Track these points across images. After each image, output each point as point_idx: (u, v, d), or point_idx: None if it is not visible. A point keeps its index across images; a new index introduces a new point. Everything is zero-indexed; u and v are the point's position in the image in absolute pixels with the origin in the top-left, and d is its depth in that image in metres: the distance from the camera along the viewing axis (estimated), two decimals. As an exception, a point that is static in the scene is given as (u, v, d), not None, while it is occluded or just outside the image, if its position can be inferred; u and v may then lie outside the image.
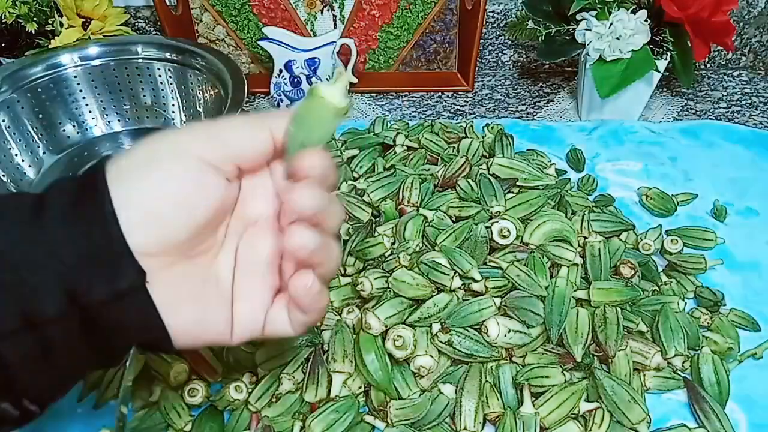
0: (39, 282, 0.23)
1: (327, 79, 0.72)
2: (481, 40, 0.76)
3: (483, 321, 0.43)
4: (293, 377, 0.42)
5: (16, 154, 0.64)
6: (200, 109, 0.70)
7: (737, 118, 0.73)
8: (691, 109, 0.76)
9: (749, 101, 0.76)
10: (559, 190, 0.55)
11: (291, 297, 0.29)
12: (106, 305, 0.24)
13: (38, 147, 0.66)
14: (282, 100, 0.74)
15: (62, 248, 0.23)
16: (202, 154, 0.25)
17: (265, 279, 0.29)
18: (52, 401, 0.27)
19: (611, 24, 0.62)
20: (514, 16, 0.79)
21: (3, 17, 0.67)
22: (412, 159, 0.61)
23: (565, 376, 0.42)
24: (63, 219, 0.24)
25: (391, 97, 0.79)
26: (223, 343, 0.29)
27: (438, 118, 0.73)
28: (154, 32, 0.83)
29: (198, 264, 0.27)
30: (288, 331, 0.30)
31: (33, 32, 0.70)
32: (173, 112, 0.72)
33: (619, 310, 0.44)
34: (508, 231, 0.48)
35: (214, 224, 0.27)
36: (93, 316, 0.24)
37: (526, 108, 0.77)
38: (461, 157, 0.58)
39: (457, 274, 0.45)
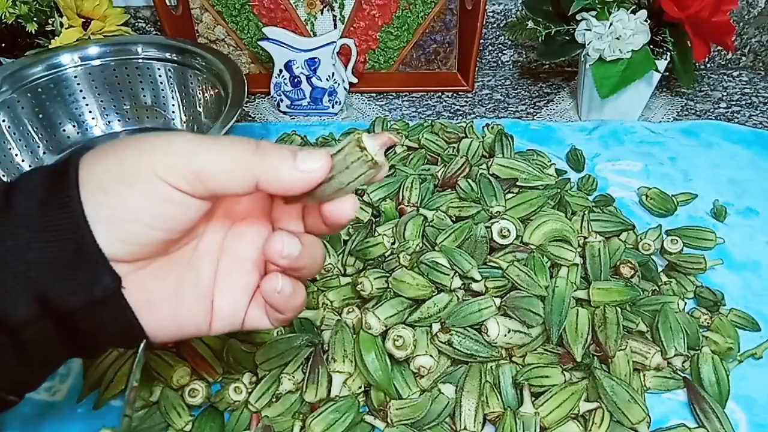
0: (9, 287, 0.22)
1: (326, 79, 0.72)
2: (481, 40, 0.76)
3: (483, 321, 0.43)
4: (293, 377, 0.42)
5: (16, 154, 0.64)
6: (200, 109, 0.70)
7: (737, 118, 0.73)
8: (691, 109, 0.76)
9: (749, 101, 0.76)
10: (559, 190, 0.55)
11: (263, 298, 0.29)
12: (81, 311, 0.24)
13: (38, 147, 0.66)
14: (282, 100, 0.74)
15: (31, 252, 0.23)
16: (178, 184, 0.24)
17: (249, 273, 0.29)
18: (29, 391, 0.27)
19: (611, 24, 0.62)
20: (514, 16, 0.79)
21: (3, 17, 0.67)
22: (412, 159, 0.61)
23: (565, 376, 0.42)
24: (31, 221, 0.23)
25: (391, 97, 0.79)
26: (202, 335, 0.29)
27: (438, 118, 0.73)
28: (154, 32, 0.83)
29: (174, 259, 0.27)
30: (267, 325, 0.30)
31: (33, 32, 0.70)
32: (173, 112, 0.72)
33: (618, 310, 0.44)
34: (508, 231, 0.48)
35: (188, 232, 0.27)
36: (67, 321, 0.24)
37: (526, 108, 0.77)
38: (461, 157, 0.58)
39: (457, 274, 0.45)
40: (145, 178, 0.23)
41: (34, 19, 0.69)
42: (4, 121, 0.63)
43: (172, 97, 0.71)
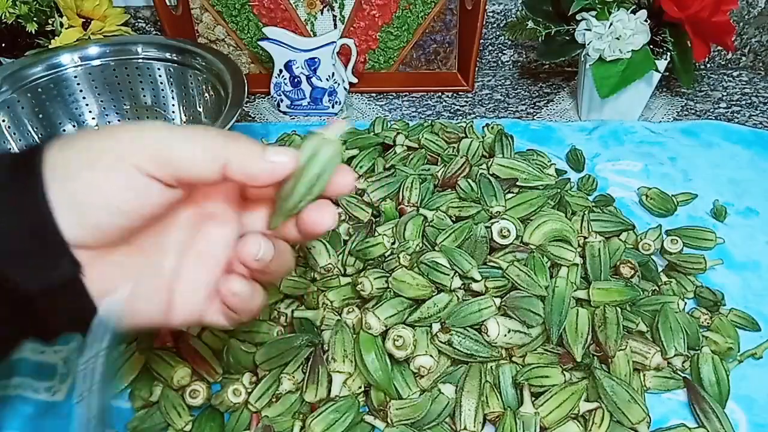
0: None
1: (326, 79, 0.72)
2: (481, 40, 0.76)
3: (483, 321, 0.43)
4: (293, 377, 0.42)
5: (16, 154, 0.64)
6: (200, 109, 0.70)
7: (737, 118, 0.73)
8: (691, 109, 0.76)
9: (749, 101, 0.76)
10: (559, 190, 0.55)
11: (221, 298, 0.29)
12: (39, 295, 0.24)
13: (38, 147, 0.66)
14: (282, 100, 0.74)
15: None
16: (143, 166, 0.24)
17: (211, 271, 0.29)
18: None
19: (611, 24, 0.62)
20: (514, 16, 0.79)
21: (3, 17, 0.67)
22: (412, 159, 0.61)
23: (565, 376, 0.42)
24: None
25: (391, 97, 0.79)
26: (160, 326, 0.28)
27: (438, 118, 0.73)
28: (154, 32, 0.83)
29: (137, 249, 0.27)
30: (223, 324, 0.30)
31: (33, 32, 0.70)
32: (173, 112, 0.72)
33: (619, 310, 0.44)
34: (508, 231, 0.48)
35: (155, 222, 0.27)
36: (25, 304, 0.24)
37: (526, 108, 0.77)
38: (461, 157, 0.58)
39: (457, 274, 0.45)
40: (111, 161, 0.23)
41: (34, 19, 0.69)
42: (4, 121, 0.63)
43: (172, 97, 0.71)
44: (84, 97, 0.69)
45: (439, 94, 0.79)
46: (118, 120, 0.71)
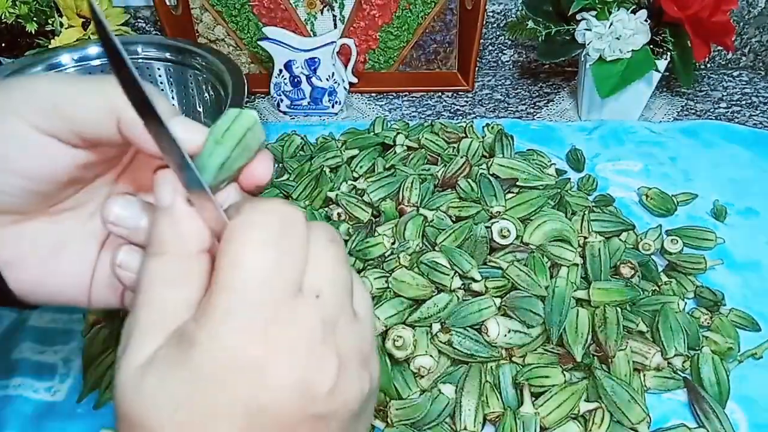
0: None
1: (326, 79, 0.72)
2: (481, 40, 0.76)
3: (483, 321, 0.43)
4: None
5: (16, 154, 0.64)
6: (200, 109, 0.70)
7: (737, 118, 0.73)
8: (691, 109, 0.76)
9: (749, 101, 0.76)
10: (559, 190, 0.55)
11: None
12: None
13: (38, 147, 0.66)
14: (282, 100, 0.74)
15: None
16: (37, 121, 0.22)
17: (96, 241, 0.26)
18: None
19: (611, 24, 0.62)
20: (514, 16, 0.79)
21: (3, 17, 0.68)
22: (412, 159, 0.61)
23: (565, 376, 0.42)
24: None
25: (391, 97, 0.79)
26: (80, 306, 0.26)
27: (438, 118, 0.73)
28: (154, 32, 0.83)
29: (57, 222, 0.25)
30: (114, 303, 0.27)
31: (33, 32, 0.70)
32: (173, 112, 0.72)
33: (619, 310, 0.44)
34: (508, 231, 0.48)
35: (66, 190, 0.25)
36: None
37: (526, 108, 0.77)
38: (461, 157, 0.58)
39: (457, 274, 0.45)
40: (4, 118, 0.21)
41: (34, 19, 0.69)
42: (4, 121, 0.63)
43: (172, 97, 0.71)
44: (84, 97, 0.69)
45: (439, 94, 0.79)
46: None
